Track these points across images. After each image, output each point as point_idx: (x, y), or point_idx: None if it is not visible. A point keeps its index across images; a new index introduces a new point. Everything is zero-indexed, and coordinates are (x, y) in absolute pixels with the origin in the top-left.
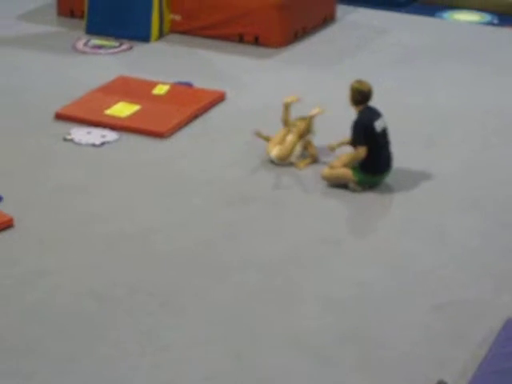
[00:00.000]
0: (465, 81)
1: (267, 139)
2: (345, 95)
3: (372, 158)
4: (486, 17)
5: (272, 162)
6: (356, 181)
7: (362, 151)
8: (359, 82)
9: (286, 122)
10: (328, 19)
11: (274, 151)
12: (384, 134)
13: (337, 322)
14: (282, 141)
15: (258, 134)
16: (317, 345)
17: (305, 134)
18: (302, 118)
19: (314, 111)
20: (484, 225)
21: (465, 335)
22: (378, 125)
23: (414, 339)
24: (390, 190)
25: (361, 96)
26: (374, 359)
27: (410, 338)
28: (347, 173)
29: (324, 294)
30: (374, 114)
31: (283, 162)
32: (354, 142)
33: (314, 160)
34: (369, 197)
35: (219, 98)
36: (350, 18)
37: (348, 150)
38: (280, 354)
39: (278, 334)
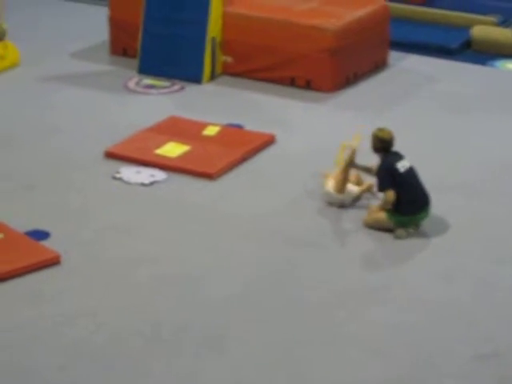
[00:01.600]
0: None
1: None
2: (395, 141)
3: (404, 199)
4: None
5: (330, 201)
6: (394, 224)
7: (389, 195)
8: (381, 129)
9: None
10: (380, 65)
11: (330, 184)
12: (410, 173)
13: (381, 369)
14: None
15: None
16: None
17: (349, 163)
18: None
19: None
20: None
21: None
22: (402, 165)
23: None
24: (435, 237)
25: (381, 143)
26: None
27: None
28: (384, 217)
29: (368, 339)
30: (396, 157)
31: (340, 192)
32: (381, 187)
33: (369, 188)
34: (412, 244)
35: (269, 141)
36: (402, 64)
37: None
38: None
39: (323, 380)
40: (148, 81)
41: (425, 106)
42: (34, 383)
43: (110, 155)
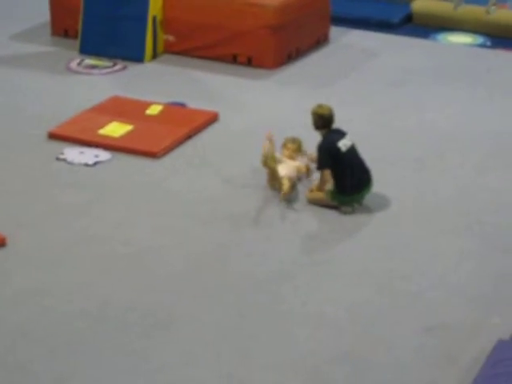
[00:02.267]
0: (458, 103)
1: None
2: (338, 116)
3: (347, 178)
4: (479, 39)
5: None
6: (336, 203)
7: (325, 175)
8: (320, 106)
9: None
10: (322, 41)
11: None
12: (351, 151)
13: (328, 342)
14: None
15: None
16: (308, 365)
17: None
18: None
19: (266, 144)
20: (475, 248)
21: (455, 357)
22: (343, 144)
23: (405, 360)
24: (380, 211)
25: (322, 120)
26: (365, 380)
27: (402, 360)
28: (326, 197)
29: (315, 314)
30: (338, 135)
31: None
32: (319, 166)
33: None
34: (359, 218)
35: (212, 119)
36: (344, 39)
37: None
38: (272, 375)
39: (270, 355)
40: (90, 61)
41: (367, 80)
42: None
43: (54, 136)
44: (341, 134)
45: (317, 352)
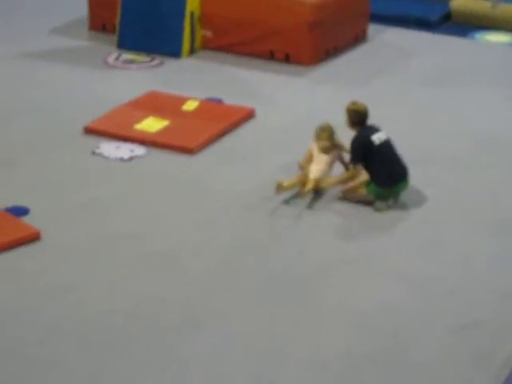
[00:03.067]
0: (496, 103)
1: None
2: (374, 114)
3: (381, 171)
4: None
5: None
6: (373, 196)
7: (357, 168)
8: (354, 103)
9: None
10: (359, 38)
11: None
12: (386, 145)
13: (361, 340)
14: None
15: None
16: (341, 364)
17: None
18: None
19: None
20: (510, 247)
21: (488, 355)
22: (377, 137)
23: (438, 360)
24: (416, 209)
25: (357, 116)
26: (398, 379)
27: (434, 359)
28: (362, 191)
29: (349, 312)
30: (371, 130)
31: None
32: (352, 160)
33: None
34: (394, 216)
35: (249, 115)
36: (382, 37)
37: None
38: (302, 375)
39: (302, 352)
40: (127, 56)
41: (405, 78)
42: (14, 358)
43: (90, 131)
44: (375, 129)
45: (349, 350)
